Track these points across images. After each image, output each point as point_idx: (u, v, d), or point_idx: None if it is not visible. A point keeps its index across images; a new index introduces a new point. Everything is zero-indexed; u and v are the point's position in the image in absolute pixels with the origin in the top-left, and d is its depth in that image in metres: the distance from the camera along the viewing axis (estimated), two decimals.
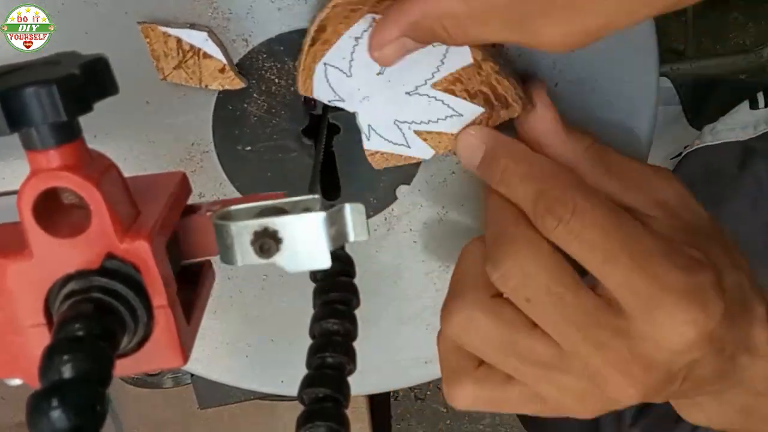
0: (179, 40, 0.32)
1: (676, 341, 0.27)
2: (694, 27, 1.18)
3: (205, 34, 0.32)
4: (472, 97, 0.33)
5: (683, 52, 1.18)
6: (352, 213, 0.23)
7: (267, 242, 0.21)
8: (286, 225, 0.22)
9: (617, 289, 0.28)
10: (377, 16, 0.31)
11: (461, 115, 0.34)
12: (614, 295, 0.28)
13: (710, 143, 0.55)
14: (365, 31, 0.31)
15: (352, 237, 0.23)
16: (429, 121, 0.34)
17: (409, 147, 0.35)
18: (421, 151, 0.35)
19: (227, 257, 0.22)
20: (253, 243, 0.21)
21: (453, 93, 0.33)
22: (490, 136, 0.33)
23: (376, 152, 0.35)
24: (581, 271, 0.29)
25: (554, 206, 0.28)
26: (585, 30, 0.26)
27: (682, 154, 0.56)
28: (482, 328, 0.30)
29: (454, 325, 0.30)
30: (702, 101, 0.63)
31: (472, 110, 0.34)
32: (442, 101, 0.34)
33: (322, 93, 0.33)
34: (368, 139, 0.35)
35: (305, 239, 0.22)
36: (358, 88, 0.33)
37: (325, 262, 0.22)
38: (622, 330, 0.28)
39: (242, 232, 0.21)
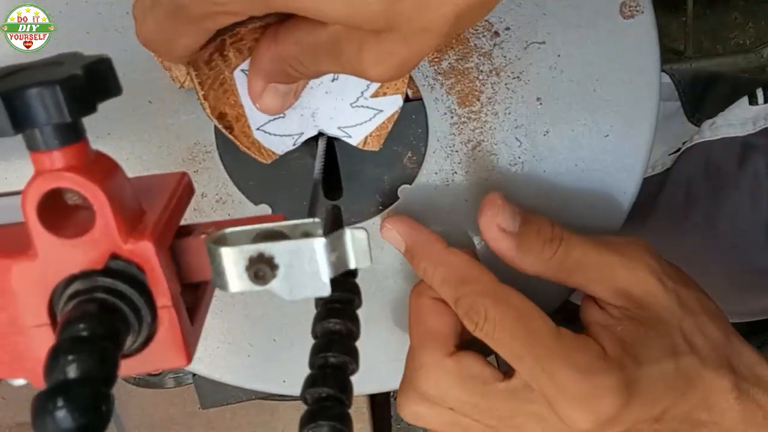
0: None
1: (575, 428, 0.31)
2: (694, 27, 1.18)
3: None
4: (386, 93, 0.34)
5: (683, 52, 1.18)
6: (353, 239, 0.22)
7: (262, 269, 0.20)
8: (283, 251, 0.20)
9: (529, 381, 0.32)
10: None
11: (382, 110, 0.35)
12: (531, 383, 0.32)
13: (709, 139, 0.55)
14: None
15: (353, 264, 0.22)
16: (362, 123, 0.35)
17: (381, 110, 0.35)
18: (391, 104, 0.35)
19: (220, 283, 0.21)
20: (247, 269, 0.20)
21: (376, 96, 0.35)
22: (409, 234, 0.36)
23: (365, 139, 0.35)
24: None
25: (470, 313, 0.33)
26: (399, 64, 0.27)
27: (681, 150, 0.56)
28: (428, 419, 0.35)
29: (406, 415, 0.36)
30: (701, 97, 0.63)
31: (393, 103, 0.35)
32: (367, 106, 0.35)
33: (275, 145, 0.34)
34: (351, 137, 0.35)
35: (304, 266, 0.21)
36: (301, 114, 0.34)
37: (324, 290, 0.21)
38: (537, 413, 0.32)
39: (236, 257, 0.20)
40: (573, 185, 0.38)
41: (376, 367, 0.42)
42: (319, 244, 0.21)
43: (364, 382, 0.42)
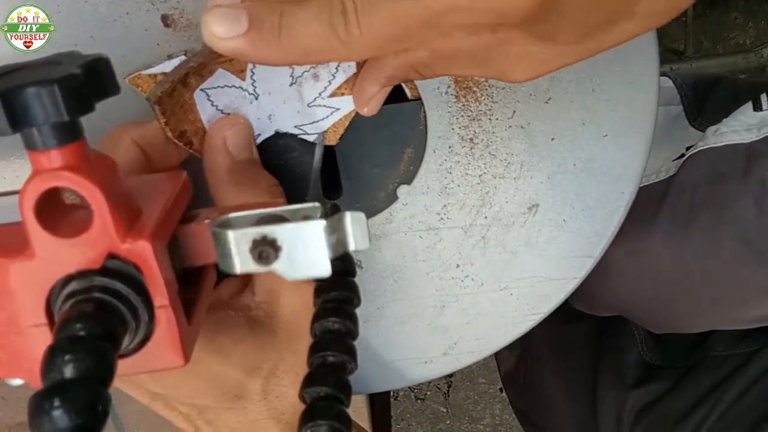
0: (164, 74, 0.32)
1: None
2: (694, 27, 1.18)
3: (183, 58, 0.32)
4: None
5: (683, 52, 1.18)
6: (352, 221, 0.22)
7: (266, 250, 0.21)
8: (285, 233, 0.21)
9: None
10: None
11: (339, 108, 0.35)
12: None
13: (714, 145, 0.55)
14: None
15: (352, 245, 0.23)
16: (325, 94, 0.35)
17: (338, 108, 0.35)
18: (348, 102, 0.35)
19: (226, 264, 0.22)
20: (251, 251, 0.21)
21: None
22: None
23: (322, 135, 0.36)
24: None
25: None
26: (546, 64, 0.27)
27: (685, 156, 0.56)
28: None
29: None
30: (702, 101, 0.63)
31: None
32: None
33: (207, 112, 0.34)
34: (307, 134, 0.35)
35: (305, 247, 0.21)
36: (258, 118, 0.34)
37: (325, 270, 0.22)
38: None
39: (241, 239, 0.21)
40: (571, 185, 0.38)
41: (376, 367, 0.41)
42: (319, 226, 0.21)
43: (364, 382, 0.42)
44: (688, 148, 0.57)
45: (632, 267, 0.45)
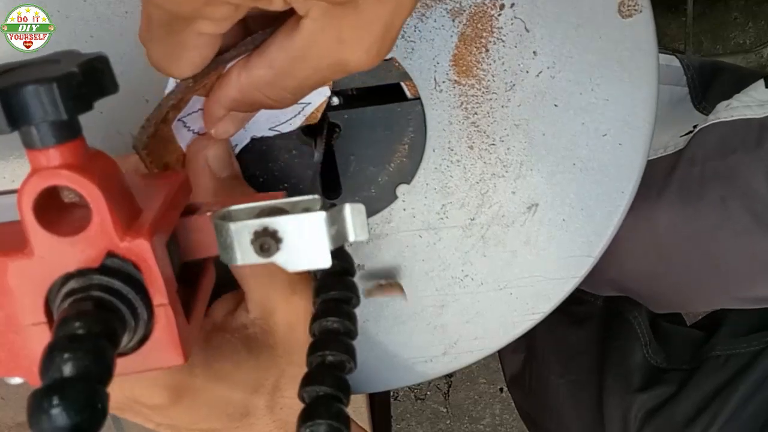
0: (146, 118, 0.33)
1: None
2: (694, 27, 1.18)
3: None
4: None
5: (683, 52, 1.18)
6: (352, 213, 0.23)
7: (267, 241, 0.21)
8: (286, 224, 0.21)
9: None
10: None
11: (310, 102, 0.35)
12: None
13: (726, 119, 0.54)
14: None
15: (352, 237, 0.23)
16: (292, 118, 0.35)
17: (309, 103, 0.35)
18: (318, 94, 0.35)
19: (227, 256, 0.22)
20: (253, 242, 0.21)
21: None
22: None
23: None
24: None
25: None
26: (377, 40, 0.26)
27: (695, 130, 0.56)
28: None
29: None
30: (707, 86, 0.63)
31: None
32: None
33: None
34: (281, 132, 0.35)
35: (305, 239, 0.22)
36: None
37: (325, 261, 0.22)
38: None
39: (242, 231, 0.21)
40: (571, 184, 0.38)
41: (376, 367, 0.41)
42: (319, 217, 0.22)
43: (364, 382, 0.42)
44: (695, 127, 0.56)
45: (639, 241, 0.45)
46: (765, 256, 0.51)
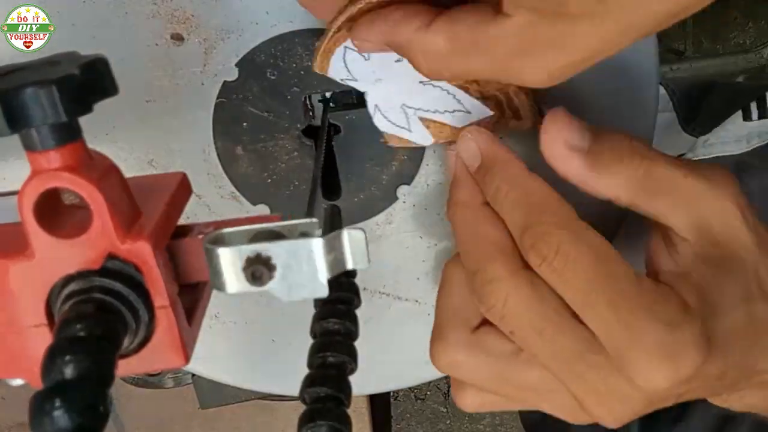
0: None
1: (648, 387, 0.28)
2: (694, 27, 1.18)
3: None
4: (485, 98, 0.33)
5: (683, 52, 1.18)
6: (351, 239, 0.22)
7: (259, 269, 0.20)
8: (280, 251, 0.20)
9: (597, 331, 0.28)
10: None
11: (469, 112, 0.34)
12: (595, 333, 0.28)
13: (703, 157, 0.55)
14: None
15: (350, 264, 0.22)
16: (436, 110, 0.34)
17: (410, 131, 0.35)
18: (421, 136, 0.35)
19: (217, 283, 0.21)
20: (245, 269, 0.20)
21: (467, 90, 0.33)
22: (489, 148, 0.32)
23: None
24: None
25: (539, 244, 0.29)
26: (569, 65, 0.25)
27: None
28: (467, 368, 0.31)
29: (442, 368, 0.32)
30: (696, 108, 0.63)
31: (481, 111, 0.34)
32: (454, 96, 0.34)
33: (336, 72, 0.33)
34: (373, 118, 0.35)
35: (301, 266, 0.21)
36: (372, 71, 0.33)
37: (322, 291, 0.21)
38: (600, 365, 0.28)
39: (233, 257, 0.20)
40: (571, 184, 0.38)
41: (376, 367, 0.41)
42: (316, 244, 0.20)
43: (364, 382, 0.42)
44: (680, 156, 0.57)
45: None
46: None
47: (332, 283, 0.26)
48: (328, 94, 0.38)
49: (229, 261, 0.20)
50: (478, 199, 0.32)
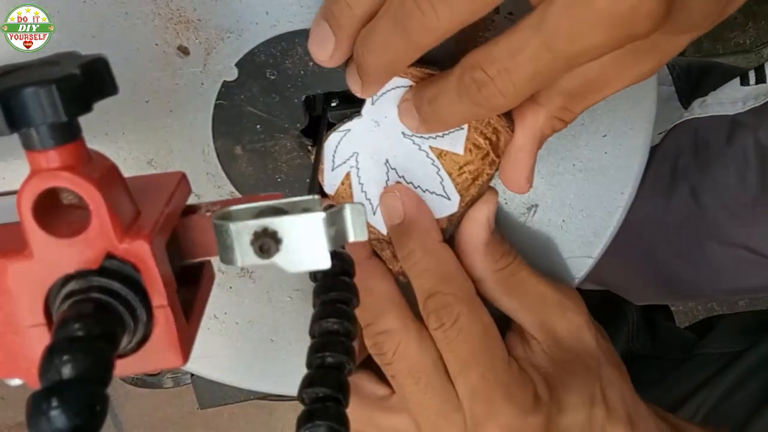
0: None
1: None
2: None
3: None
4: (477, 147, 0.34)
5: (683, 52, 1.18)
6: (352, 213, 0.23)
7: (267, 242, 0.21)
8: (285, 225, 0.21)
9: (463, 397, 0.33)
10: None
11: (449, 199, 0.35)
12: (461, 398, 0.33)
13: (698, 116, 0.55)
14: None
15: (352, 237, 0.23)
16: (419, 186, 0.35)
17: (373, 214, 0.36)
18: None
19: (227, 257, 0.22)
20: (252, 243, 0.21)
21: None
22: (413, 211, 0.34)
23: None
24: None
25: (441, 311, 0.33)
26: (668, 53, 0.28)
27: (669, 127, 0.56)
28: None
29: None
30: (696, 86, 0.63)
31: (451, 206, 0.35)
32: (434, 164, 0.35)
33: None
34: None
35: (305, 239, 0.21)
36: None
37: (324, 262, 0.22)
38: (457, 424, 0.33)
39: (242, 232, 0.21)
40: (570, 185, 0.38)
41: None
42: (319, 218, 0.21)
43: None
44: (674, 121, 0.57)
45: (614, 235, 0.46)
46: (738, 249, 0.52)
47: (333, 283, 0.27)
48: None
49: (239, 236, 0.21)
50: (364, 254, 0.36)
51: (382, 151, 0.35)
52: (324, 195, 0.36)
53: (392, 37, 0.27)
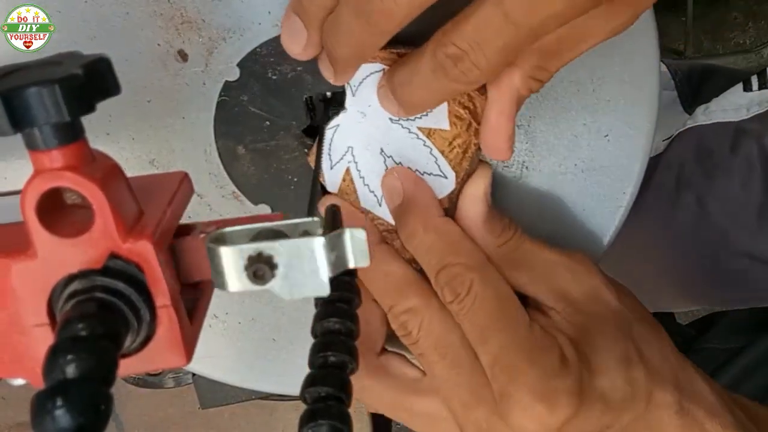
0: None
1: (517, 429, 0.30)
2: (694, 27, 1.18)
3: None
4: (458, 118, 0.34)
5: (683, 52, 1.18)
6: (352, 238, 0.22)
7: (261, 268, 0.20)
8: (282, 250, 0.20)
9: (485, 366, 0.31)
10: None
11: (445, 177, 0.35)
12: (484, 368, 0.32)
13: (702, 123, 0.55)
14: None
15: (352, 263, 0.22)
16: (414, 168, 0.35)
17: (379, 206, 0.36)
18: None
19: (219, 282, 0.21)
20: (246, 268, 0.20)
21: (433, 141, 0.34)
22: (411, 189, 0.34)
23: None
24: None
25: (453, 282, 0.32)
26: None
27: (674, 134, 0.56)
28: (373, 392, 0.35)
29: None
30: (697, 89, 0.63)
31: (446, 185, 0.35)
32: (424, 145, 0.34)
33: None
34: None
35: (303, 265, 0.21)
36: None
37: (323, 289, 0.21)
38: (486, 400, 0.31)
39: (235, 256, 0.20)
40: (572, 185, 0.38)
41: None
42: (318, 243, 0.21)
43: None
44: (678, 129, 0.57)
45: (619, 242, 0.46)
46: (742, 257, 0.51)
47: (333, 282, 0.27)
48: (329, 94, 0.38)
49: (231, 260, 0.20)
50: (374, 240, 0.35)
51: (375, 141, 0.34)
52: (326, 192, 0.36)
53: (355, 24, 0.26)
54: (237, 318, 0.40)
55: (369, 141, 0.34)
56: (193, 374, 0.54)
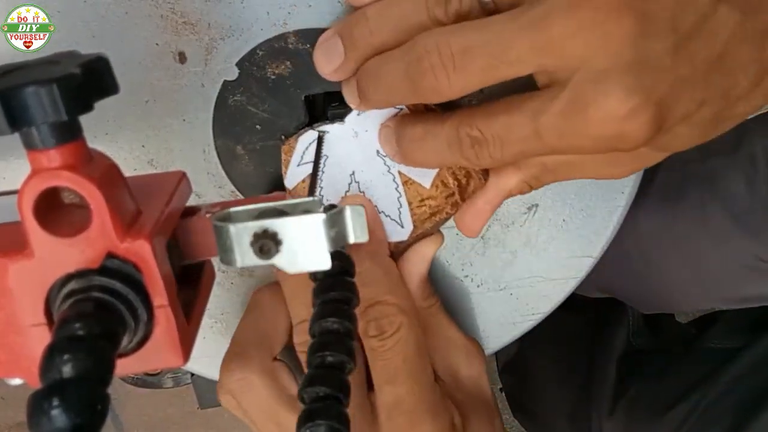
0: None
1: None
2: None
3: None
4: (444, 185, 0.35)
5: None
6: (352, 214, 0.23)
7: (267, 243, 0.21)
8: (285, 226, 0.22)
9: (383, 407, 0.33)
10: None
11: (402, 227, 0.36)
12: (378, 410, 0.33)
13: None
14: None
15: (352, 238, 0.23)
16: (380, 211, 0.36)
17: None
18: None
19: (227, 258, 0.22)
20: (252, 244, 0.21)
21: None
22: (371, 220, 0.35)
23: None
24: None
25: (382, 320, 0.33)
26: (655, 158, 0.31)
27: None
28: (254, 393, 0.34)
29: (232, 383, 0.34)
30: None
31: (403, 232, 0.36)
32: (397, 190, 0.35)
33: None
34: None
35: (305, 241, 0.22)
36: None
37: (324, 263, 0.22)
38: None
39: (242, 233, 0.21)
40: (571, 185, 0.38)
41: None
42: (319, 219, 0.22)
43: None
44: None
45: (622, 243, 0.46)
46: (744, 257, 0.51)
47: (332, 282, 0.27)
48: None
49: (239, 237, 0.21)
50: None
51: (352, 162, 0.35)
52: (282, 188, 0.37)
53: (400, 84, 0.28)
54: (236, 317, 0.40)
55: (345, 160, 0.35)
56: (192, 374, 0.54)
